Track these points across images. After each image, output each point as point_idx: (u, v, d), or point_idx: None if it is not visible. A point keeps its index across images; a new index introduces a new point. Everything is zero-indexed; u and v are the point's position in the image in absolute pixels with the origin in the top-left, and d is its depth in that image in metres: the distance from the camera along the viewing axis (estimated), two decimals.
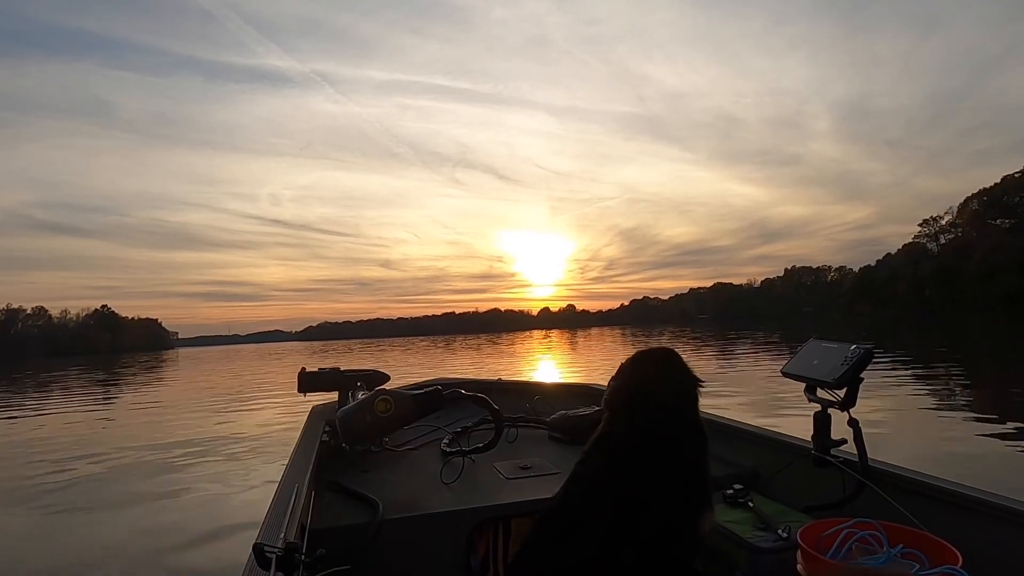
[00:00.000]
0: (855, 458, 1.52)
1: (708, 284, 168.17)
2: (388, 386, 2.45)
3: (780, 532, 1.42)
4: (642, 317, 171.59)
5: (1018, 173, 59.86)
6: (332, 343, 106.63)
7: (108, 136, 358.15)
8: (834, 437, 1.58)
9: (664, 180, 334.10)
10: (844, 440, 1.57)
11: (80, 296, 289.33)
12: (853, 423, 1.52)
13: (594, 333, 64.57)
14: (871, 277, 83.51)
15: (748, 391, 9.27)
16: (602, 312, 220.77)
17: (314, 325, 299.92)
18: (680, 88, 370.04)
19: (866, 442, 1.52)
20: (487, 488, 1.83)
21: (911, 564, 1.10)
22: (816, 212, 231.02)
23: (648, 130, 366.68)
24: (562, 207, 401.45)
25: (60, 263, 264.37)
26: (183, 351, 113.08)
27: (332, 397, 2.76)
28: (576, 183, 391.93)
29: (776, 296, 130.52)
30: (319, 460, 1.99)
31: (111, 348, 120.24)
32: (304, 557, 1.05)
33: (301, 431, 2.42)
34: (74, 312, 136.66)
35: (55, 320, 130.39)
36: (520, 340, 50.87)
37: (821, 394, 1.59)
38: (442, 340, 61.35)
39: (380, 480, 1.95)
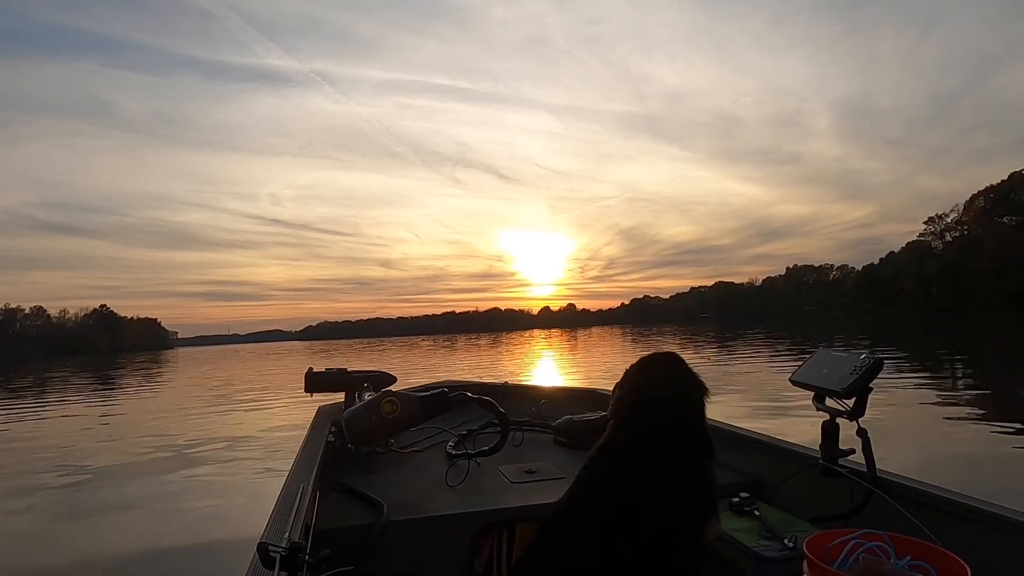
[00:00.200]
0: (863, 468, 1.50)
1: (708, 283, 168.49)
2: (394, 388, 2.48)
3: (786, 541, 1.40)
4: (643, 316, 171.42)
5: None
6: (332, 343, 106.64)
7: (108, 136, 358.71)
8: (842, 447, 1.57)
9: (664, 179, 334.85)
10: (852, 450, 1.56)
11: (80, 296, 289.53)
12: (862, 433, 1.50)
13: (594, 332, 64.38)
14: (875, 275, 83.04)
15: (753, 394, 9.05)
16: (602, 311, 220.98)
17: (314, 325, 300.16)
18: (680, 87, 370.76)
19: (875, 453, 1.49)
20: (492, 491, 1.83)
21: None
22: (816, 211, 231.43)
23: (648, 129, 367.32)
24: (562, 206, 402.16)
25: (60, 263, 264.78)
26: (182, 351, 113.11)
27: (339, 398, 2.77)
28: (576, 182, 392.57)
29: (778, 295, 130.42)
30: (325, 460, 2.00)
31: (110, 348, 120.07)
32: (308, 557, 1.06)
33: (307, 431, 2.43)
34: (73, 312, 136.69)
35: (54, 320, 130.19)
36: (521, 339, 50.65)
37: (830, 403, 1.58)
38: (446, 340, 61.46)
39: (385, 481, 1.95)
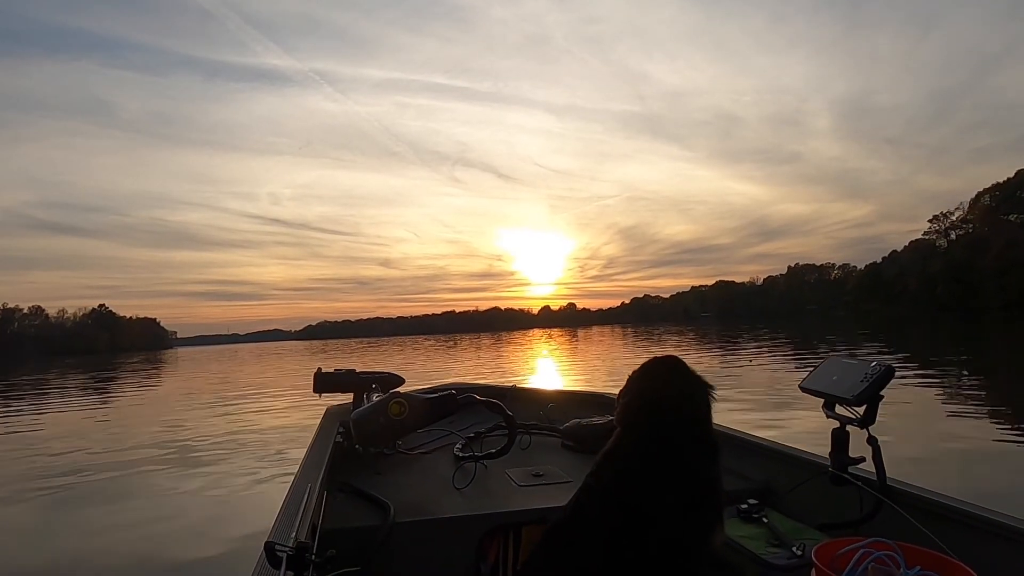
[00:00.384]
0: (873, 476, 1.49)
1: (708, 282, 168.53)
2: (402, 389, 2.47)
3: (794, 549, 1.39)
4: (643, 315, 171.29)
5: None
6: (332, 342, 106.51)
7: (108, 135, 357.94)
8: (852, 454, 1.56)
9: (664, 178, 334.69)
10: (863, 458, 1.54)
11: (80, 296, 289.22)
12: (872, 441, 1.50)
13: (595, 332, 64.17)
14: (878, 274, 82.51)
15: (759, 396, 8.89)
16: (602, 310, 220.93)
17: (314, 324, 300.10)
18: (680, 86, 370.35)
19: (885, 461, 1.49)
20: (499, 494, 1.83)
21: None
22: (816, 210, 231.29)
23: (648, 128, 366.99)
24: (561, 205, 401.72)
25: (60, 263, 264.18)
26: (182, 351, 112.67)
27: (347, 398, 2.76)
28: (575, 181, 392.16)
29: (779, 294, 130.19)
30: (332, 461, 2.01)
31: (109, 348, 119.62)
32: (315, 557, 1.06)
33: (315, 432, 2.42)
34: (71, 312, 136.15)
35: (52, 320, 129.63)
36: (522, 339, 50.54)
37: (840, 411, 1.57)
38: (449, 340, 61.10)
39: (392, 483, 1.96)
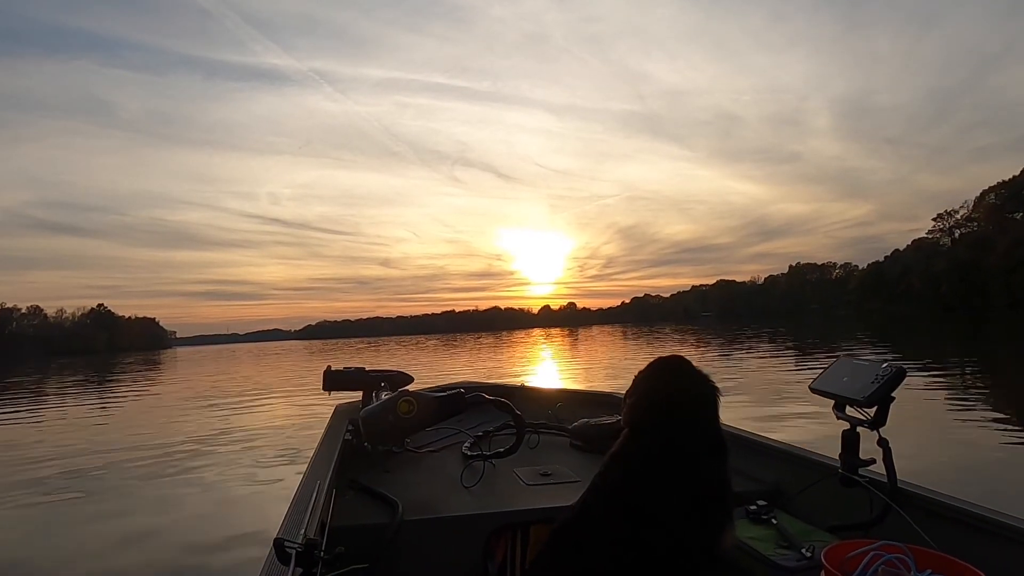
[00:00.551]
0: (884, 478, 1.49)
1: (708, 282, 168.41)
2: (411, 387, 2.47)
3: (804, 551, 1.38)
4: (643, 315, 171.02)
5: None
6: (331, 342, 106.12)
7: (107, 135, 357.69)
8: (862, 456, 1.55)
9: (663, 178, 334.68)
10: (873, 460, 1.53)
11: (80, 296, 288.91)
12: (883, 443, 1.48)
13: (595, 331, 63.92)
14: (881, 273, 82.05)
15: (764, 396, 8.68)
16: (603, 310, 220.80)
17: (313, 324, 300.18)
18: (679, 86, 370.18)
19: (895, 463, 1.48)
20: (507, 493, 1.84)
21: None
22: (816, 210, 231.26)
23: (647, 128, 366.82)
24: (561, 205, 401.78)
25: (59, 262, 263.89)
26: (181, 350, 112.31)
27: (356, 396, 2.75)
28: (575, 181, 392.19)
29: (780, 293, 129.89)
30: (341, 459, 2.03)
31: (108, 348, 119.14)
32: (324, 554, 1.08)
33: (324, 430, 2.44)
34: (70, 311, 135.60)
35: (51, 319, 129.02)
36: (523, 339, 50.53)
37: (850, 412, 1.56)
38: (451, 339, 61.07)
39: (401, 481, 1.97)
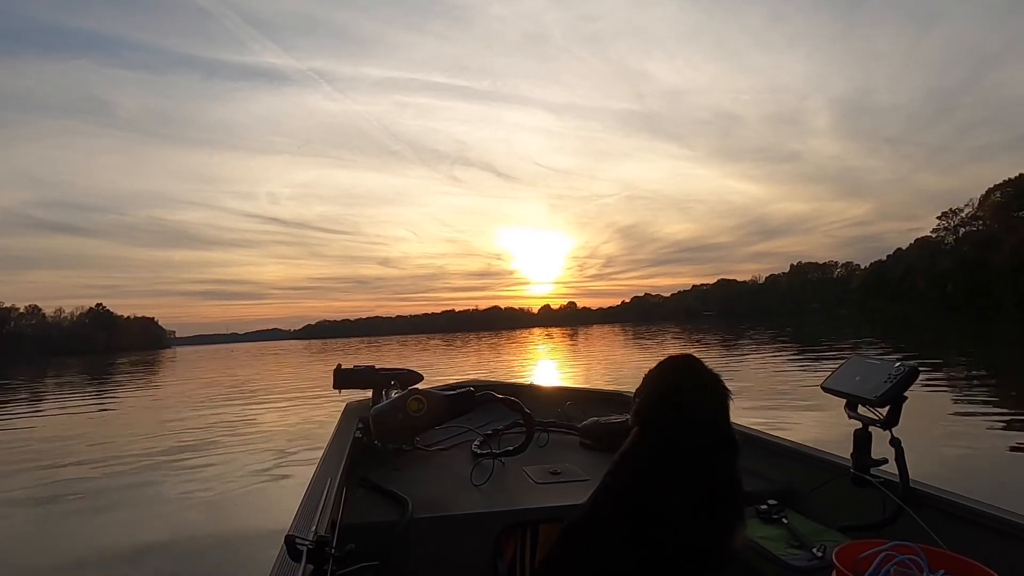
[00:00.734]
0: (896, 478, 1.48)
1: (707, 281, 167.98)
2: (420, 386, 2.46)
3: (815, 551, 1.37)
4: (643, 314, 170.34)
5: None
6: (331, 341, 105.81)
7: (107, 135, 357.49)
8: (875, 456, 1.54)
9: (663, 177, 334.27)
10: (885, 460, 1.52)
11: (79, 295, 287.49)
12: (895, 442, 1.48)
13: (596, 331, 63.79)
14: (884, 272, 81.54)
15: (768, 396, 8.56)
16: (603, 309, 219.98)
17: (313, 323, 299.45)
18: (679, 85, 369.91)
19: (908, 463, 1.47)
20: (516, 492, 1.84)
21: None
22: (815, 209, 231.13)
23: (647, 127, 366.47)
24: (561, 204, 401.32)
25: (59, 262, 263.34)
26: (180, 350, 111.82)
27: (366, 394, 2.75)
28: (575, 180, 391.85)
29: (782, 292, 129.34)
30: (352, 456, 2.04)
31: (107, 347, 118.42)
32: (334, 551, 1.08)
33: (335, 427, 2.45)
34: (69, 311, 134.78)
35: (49, 319, 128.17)
36: (524, 338, 50.37)
37: (862, 411, 1.55)
38: (453, 339, 61.07)
39: (411, 479, 1.98)
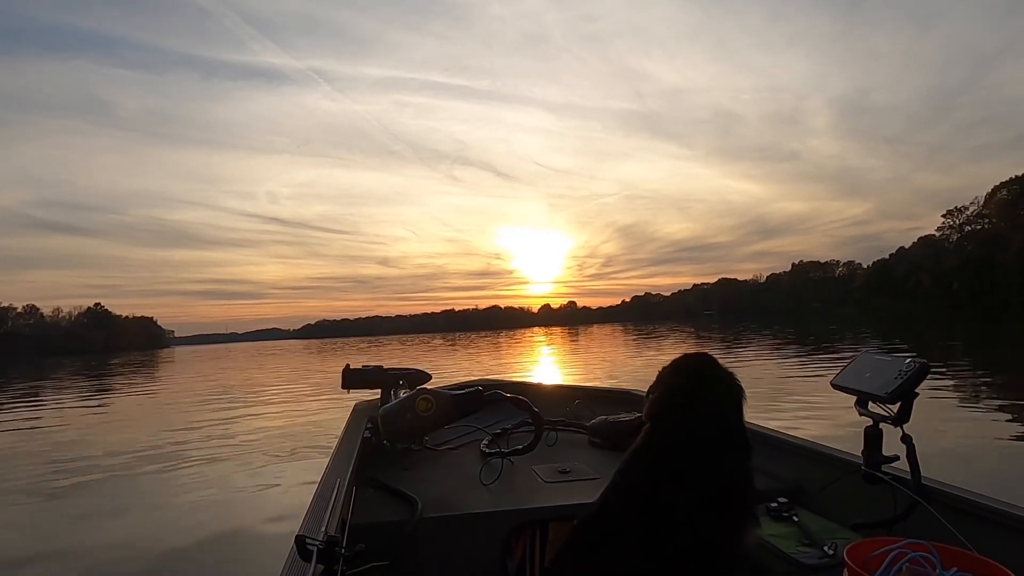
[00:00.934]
0: (907, 475, 1.46)
1: (707, 280, 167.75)
2: (429, 385, 2.45)
3: (826, 549, 1.36)
4: (644, 313, 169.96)
5: None
6: (331, 341, 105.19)
7: (106, 134, 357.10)
8: (886, 453, 1.52)
9: (662, 177, 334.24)
10: (896, 456, 1.51)
11: (78, 295, 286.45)
12: (906, 439, 1.46)
13: (596, 330, 63.83)
14: (888, 271, 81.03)
15: (773, 396, 8.51)
16: (603, 309, 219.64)
17: (312, 323, 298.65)
18: (679, 84, 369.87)
19: (920, 460, 1.45)
20: (525, 491, 1.84)
21: None
22: (815, 208, 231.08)
23: (646, 127, 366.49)
24: (560, 204, 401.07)
25: (58, 262, 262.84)
26: (179, 350, 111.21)
27: (375, 394, 2.77)
28: (574, 180, 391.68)
29: (783, 291, 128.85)
30: (361, 456, 2.04)
31: (105, 347, 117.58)
32: (344, 551, 1.08)
33: (344, 427, 2.46)
34: (67, 311, 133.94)
35: (47, 319, 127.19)
36: (525, 337, 50.39)
37: (873, 408, 1.53)
38: (455, 338, 61.02)
39: (420, 478, 1.98)
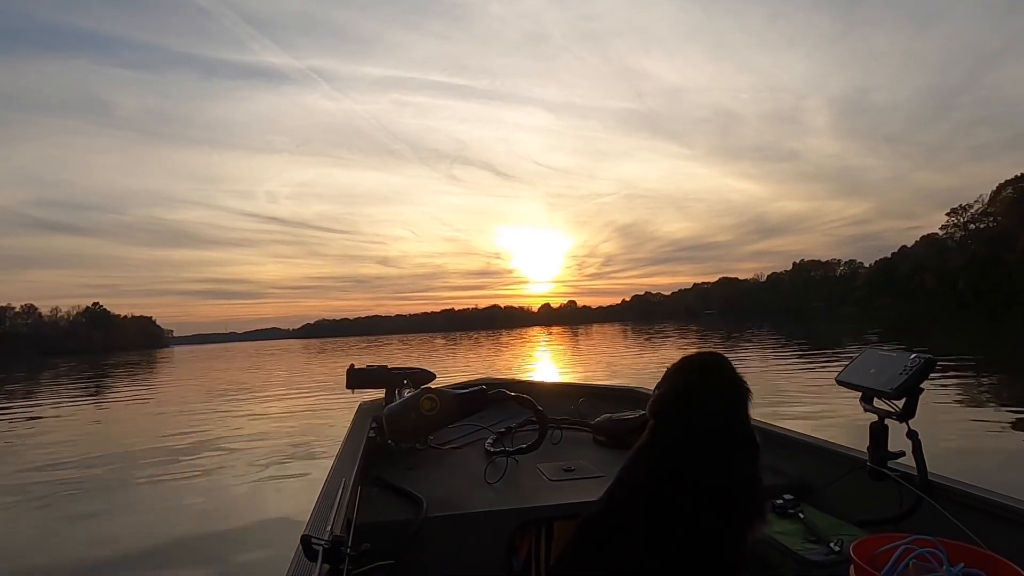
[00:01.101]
0: (913, 471, 1.45)
1: (706, 280, 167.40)
2: (433, 385, 2.44)
3: (832, 545, 1.35)
4: (644, 313, 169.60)
5: None
6: (330, 341, 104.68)
7: (105, 134, 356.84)
8: (891, 449, 1.52)
9: (662, 176, 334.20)
10: (902, 452, 1.51)
11: (78, 295, 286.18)
12: (912, 435, 1.46)
13: (597, 330, 63.40)
14: (891, 270, 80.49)
15: (783, 394, 8.42)
16: (603, 308, 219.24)
17: (312, 323, 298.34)
18: (678, 84, 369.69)
19: (926, 455, 1.44)
20: (530, 489, 1.83)
21: None
22: (814, 208, 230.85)
23: (646, 126, 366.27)
24: (559, 203, 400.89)
25: (57, 261, 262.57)
26: (179, 349, 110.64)
27: (379, 394, 2.77)
28: (573, 179, 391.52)
29: (784, 290, 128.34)
30: (366, 456, 2.04)
31: (104, 347, 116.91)
32: (350, 550, 1.08)
33: (348, 427, 2.46)
34: (65, 310, 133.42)
35: (45, 318, 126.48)
36: (525, 337, 50.15)
37: (878, 404, 1.53)
38: (458, 338, 60.68)
39: (425, 478, 1.97)
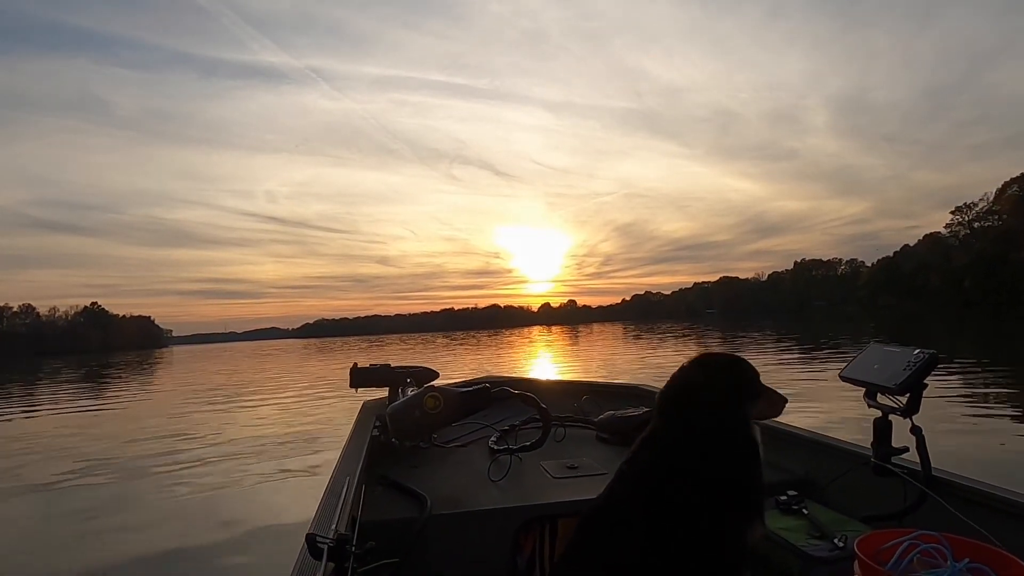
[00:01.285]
0: (917, 467, 1.46)
1: (706, 279, 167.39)
2: (436, 383, 2.46)
3: (836, 541, 1.35)
4: (644, 312, 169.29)
5: None
6: (329, 340, 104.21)
7: (104, 133, 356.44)
8: (895, 445, 1.52)
9: (661, 175, 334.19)
10: (906, 448, 1.51)
11: (77, 295, 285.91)
12: (916, 430, 1.45)
13: (597, 329, 63.36)
14: (895, 269, 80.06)
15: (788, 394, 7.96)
16: (603, 308, 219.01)
17: (311, 322, 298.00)
18: (677, 83, 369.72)
19: (930, 451, 1.44)
20: (534, 487, 1.84)
21: None
22: (813, 207, 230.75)
23: (645, 125, 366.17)
24: (559, 202, 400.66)
25: (56, 261, 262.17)
26: (178, 349, 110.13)
27: (382, 393, 2.79)
28: (573, 178, 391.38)
29: (785, 290, 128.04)
30: (370, 454, 2.05)
31: (103, 346, 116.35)
32: (354, 548, 1.08)
33: (352, 426, 2.46)
34: (63, 310, 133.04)
35: (43, 318, 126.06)
36: (526, 336, 50.09)
37: (882, 400, 1.52)
38: (459, 337, 60.60)
39: (429, 476, 1.98)
